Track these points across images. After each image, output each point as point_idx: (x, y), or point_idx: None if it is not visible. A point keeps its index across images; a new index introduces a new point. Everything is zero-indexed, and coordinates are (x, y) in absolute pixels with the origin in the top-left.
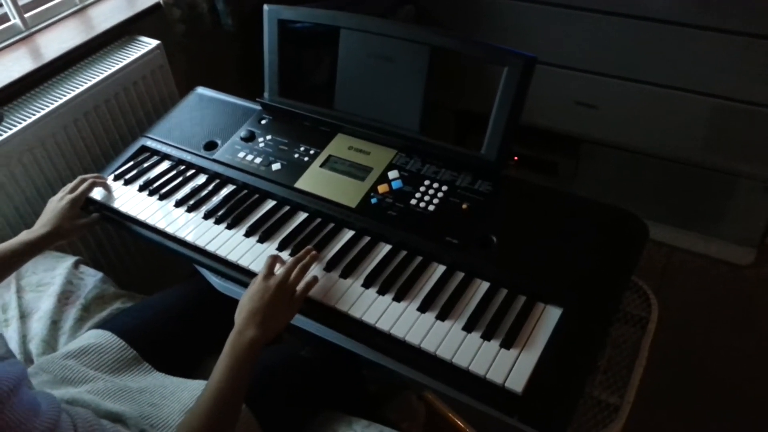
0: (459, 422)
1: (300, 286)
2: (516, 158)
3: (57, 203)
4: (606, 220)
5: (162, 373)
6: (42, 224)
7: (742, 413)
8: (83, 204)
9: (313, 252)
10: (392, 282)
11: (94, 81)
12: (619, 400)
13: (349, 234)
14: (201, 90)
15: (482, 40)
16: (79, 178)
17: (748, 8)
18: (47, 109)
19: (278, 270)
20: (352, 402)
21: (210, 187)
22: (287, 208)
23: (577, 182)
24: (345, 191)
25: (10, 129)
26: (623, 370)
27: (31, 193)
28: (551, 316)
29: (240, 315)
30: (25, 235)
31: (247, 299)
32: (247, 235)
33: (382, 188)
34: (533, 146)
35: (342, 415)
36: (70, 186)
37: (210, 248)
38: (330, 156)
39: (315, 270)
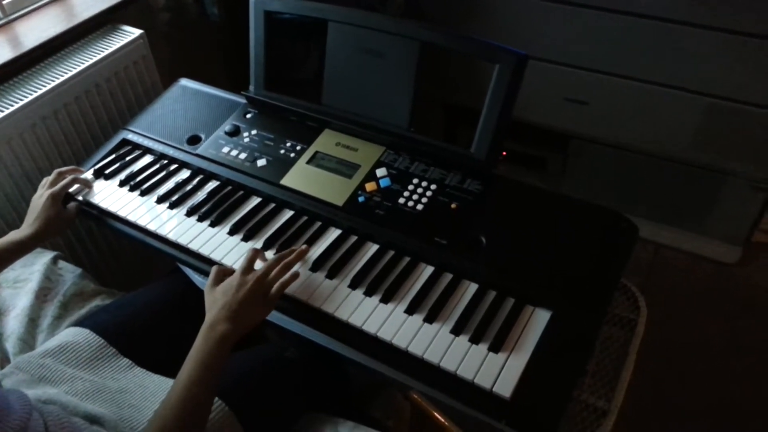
0: (445, 421)
1: (276, 285)
2: (504, 153)
3: (38, 200)
4: (596, 221)
5: (143, 370)
6: (29, 224)
7: (729, 412)
8: (63, 198)
9: (302, 247)
10: (379, 283)
11: (74, 71)
12: (607, 404)
13: (335, 233)
14: (184, 82)
15: (473, 34)
16: (56, 171)
17: (741, 6)
18: (26, 100)
19: (258, 265)
20: (337, 402)
21: (193, 183)
22: (272, 205)
23: (566, 178)
24: (332, 189)
25: None
26: (611, 373)
27: (9, 186)
28: (540, 319)
29: (213, 308)
30: (13, 235)
31: (221, 293)
32: (231, 233)
33: (370, 186)
34: (522, 141)
35: (327, 417)
36: (48, 180)
37: (192, 246)
38: (317, 152)
39: (300, 270)
